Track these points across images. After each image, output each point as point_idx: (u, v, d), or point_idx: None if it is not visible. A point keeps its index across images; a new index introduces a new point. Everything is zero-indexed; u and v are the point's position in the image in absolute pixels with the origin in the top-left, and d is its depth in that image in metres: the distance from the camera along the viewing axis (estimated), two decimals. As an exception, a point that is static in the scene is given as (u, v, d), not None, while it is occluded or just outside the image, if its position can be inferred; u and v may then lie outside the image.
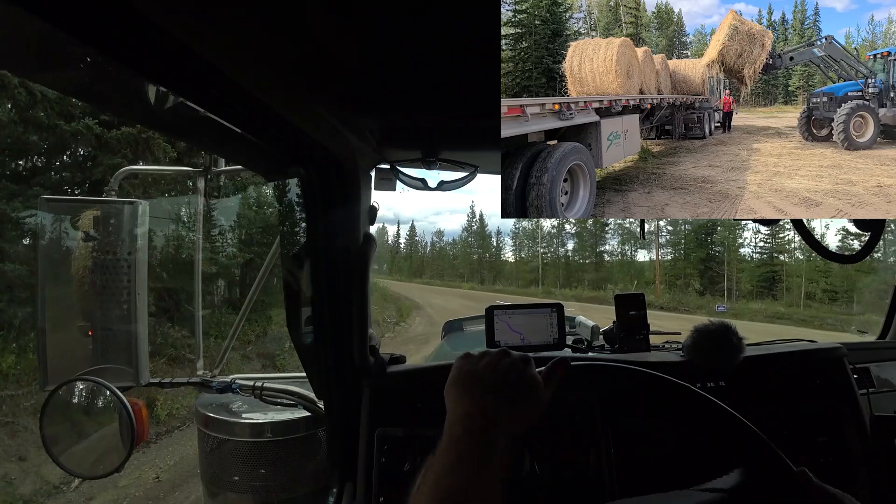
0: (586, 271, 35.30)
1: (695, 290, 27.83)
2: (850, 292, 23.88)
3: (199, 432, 1.36)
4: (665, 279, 29.85)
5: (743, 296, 27.28)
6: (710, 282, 28.74)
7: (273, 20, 0.54)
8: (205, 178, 1.46)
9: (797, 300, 25.34)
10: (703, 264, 29.25)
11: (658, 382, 0.82)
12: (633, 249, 34.64)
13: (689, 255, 29.69)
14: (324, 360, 1.10)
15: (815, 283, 25.71)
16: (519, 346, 1.20)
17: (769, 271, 27.80)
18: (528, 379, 0.67)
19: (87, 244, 1.23)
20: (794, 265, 27.37)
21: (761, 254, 28.74)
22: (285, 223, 1.11)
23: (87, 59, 0.48)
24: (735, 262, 28.82)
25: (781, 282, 27.41)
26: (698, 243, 29.23)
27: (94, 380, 1.20)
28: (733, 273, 28.44)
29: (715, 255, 29.46)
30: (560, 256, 37.64)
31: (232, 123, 0.67)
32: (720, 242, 29.29)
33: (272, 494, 1.31)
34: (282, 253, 1.12)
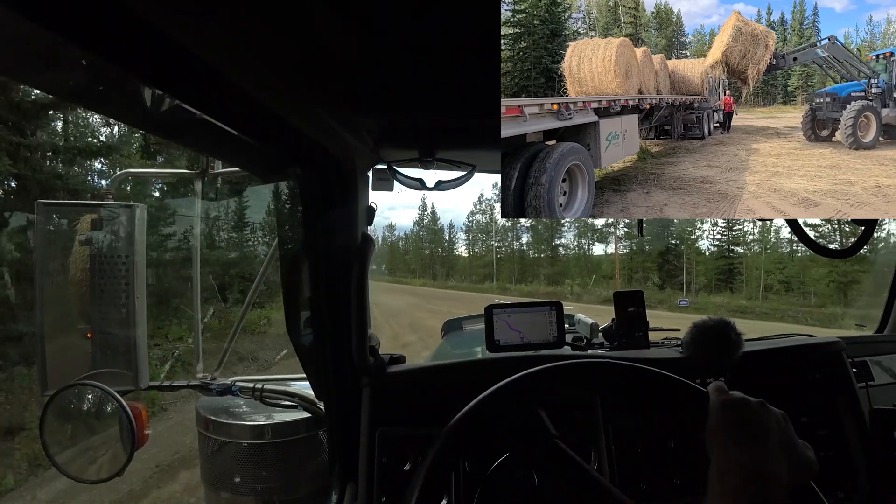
0: (542, 266, 34.61)
1: (654, 283, 27.42)
2: (807, 284, 24.13)
3: (199, 435, 1.35)
4: (623, 273, 29.43)
5: (702, 289, 27.03)
6: (668, 275, 28.44)
7: (270, 19, 0.54)
8: (202, 181, 1.46)
9: (756, 293, 25.27)
10: (661, 258, 28.90)
11: (664, 381, 0.82)
12: (589, 243, 34.02)
13: (647, 248, 29.30)
14: (323, 360, 1.10)
15: (772, 274, 25.73)
16: (518, 344, 1.21)
17: (726, 264, 27.60)
18: (801, 445, 0.62)
19: (85, 248, 1.23)
20: (752, 257, 27.22)
21: (718, 246, 28.46)
22: (283, 224, 1.11)
23: (82, 61, 0.48)
24: (693, 255, 28.55)
25: (740, 274, 27.29)
26: (656, 236, 28.82)
27: (93, 384, 1.20)
28: (692, 266, 28.21)
29: (672, 248, 29.07)
30: (515, 251, 36.49)
31: (229, 125, 0.67)
32: (677, 235, 28.89)
33: (273, 496, 1.31)
34: (280, 254, 1.12)
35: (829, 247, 1.08)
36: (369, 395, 1.11)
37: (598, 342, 1.42)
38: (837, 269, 22.18)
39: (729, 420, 0.61)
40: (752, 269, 26.65)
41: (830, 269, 22.65)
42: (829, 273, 22.89)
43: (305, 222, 1.01)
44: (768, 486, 0.55)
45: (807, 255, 24.99)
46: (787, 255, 26.64)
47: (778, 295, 24.67)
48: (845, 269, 21.93)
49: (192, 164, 2.38)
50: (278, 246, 1.16)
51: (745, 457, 0.58)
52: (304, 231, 1.02)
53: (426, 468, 0.71)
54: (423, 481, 0.70)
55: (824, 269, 23.15)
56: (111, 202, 1.28)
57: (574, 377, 0.84)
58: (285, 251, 1.11)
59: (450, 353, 2.49)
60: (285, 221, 1.10)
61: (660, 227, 28.59)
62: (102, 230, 1.24)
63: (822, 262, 23.29)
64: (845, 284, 22.19)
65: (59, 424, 1.22)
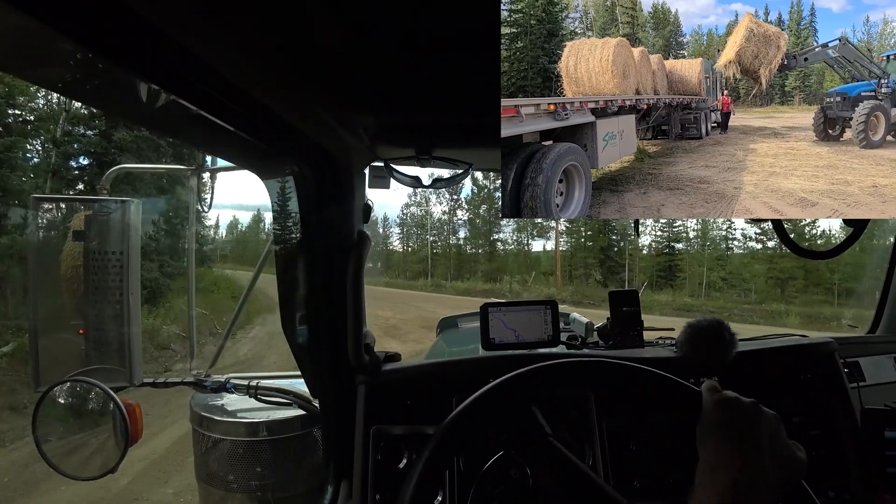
0: (479, 262, 32.19)
1: (596, 280, 26.37)
2: (748, 281, 23.82)
3: (193, 432, 1.35)
4: (564, 270, 28.18)
5: (645, 286, 26.69)
6: (609, 272, 27.46)
7: (266, 16, 0.54)
8: (197, 177, 1.45)
9: (699, 290, 24.76)
10: (602, 253, 27.83)
11: (657, 380, 0.82)
12: (529, 238, 31.86)
13: (588, 244, 28.12)
14: (318, 358, 1.10)
15: (714, 271, 25.33)
16: (514, 342, 1.21)
17: (668, 261, 26.84)
18: (791, 445, 0.63)
19: (79, 243, 1.22)
20: (694, 254, 26.67)
21: (659, 243, 27.64)
22: (279, 221, 1.11)
23: (78, 56, 0.47)
24: (635, 251, 27.81)
25: (681, 271, 26.58)
26: (597, 231, 27.62)
27: (86, 380, 1.19)
28: (635, 264, 27.50)
29: (614, 244, 28.11)
30: (451, 246, 33.42)
31: (224, 121, 0.67)
32: (618, 231, 27.77)
33: (268, 493, 1.31)
34: (276, 251, 1.11)
35: (814, 249, 1.09)
36: (364, 393, 1.11)
37: (593, 341, 1.43)
38: (777, 266, 22.19)
39: (721, 419, 0.62)
40: (695, 265, 26.13)
41: (769, 265, 22.66)
42: (769, 270, 22.84)
43: (301, 219, 1.01)
44: (758, 485, 0.56)
45: (747, 252, 25.06)
46: (725, 251, 26.28)
47: (720, 292, 24.31)
48: (783, 266, 21.95)
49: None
50: (274, 243, 1.16)
51: (735, 456, 0.58)
52: (300, 228, 1.02)
53: (421, 466, 0.71)
54: (417, 479, 0.70)
55: (763, 265, 23.15)
56: (105, 197, 1.28)
57: (569, 376, 0.84)
58: (281, 248, 1.11)
59: (445, 352, 2.49)
60: (281, 218, 1.09)
61: (601, 222, 27.20)
62: (97, 225, 1.23)
63: (760, 259, 23.41)
64: (783, 281, 22.18)
65: (52, 421, 1.21)
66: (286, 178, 0.99)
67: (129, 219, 1.25)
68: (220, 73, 0.57)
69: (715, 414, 0.62)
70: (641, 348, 1.32)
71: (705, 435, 0.62)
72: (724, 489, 0.56)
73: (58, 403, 1.21)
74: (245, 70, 0.60)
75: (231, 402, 1.37)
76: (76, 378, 1.21)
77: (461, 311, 2.84)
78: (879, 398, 1.23)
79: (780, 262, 22.18)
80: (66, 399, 1.22)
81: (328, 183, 0.99)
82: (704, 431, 0.62)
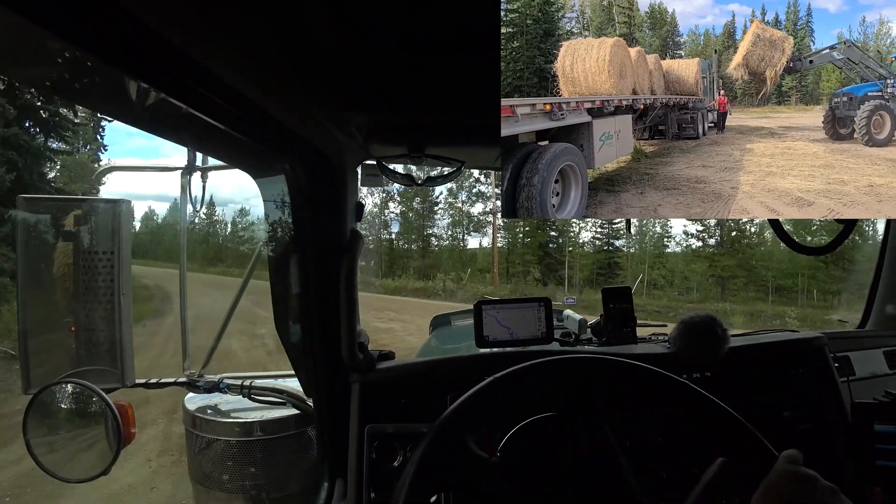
0: (412, 258, 29.90)
1: (535, 278, 25.03)
2: (689, 279, 23.50)
3: (186, 432, 1.35)
4: (502, 267, 26.59)
5: (585, 285, 24.74)
6: (548, 269, 26.07)
7: (258, 14, 0.53)
8: (188, 176, 1.45)
9: (640, 288, 23.25)
10: (541, 250, 26.29)
11: (651, 377, 0.83)
12: (465, 233, 29.84)
13: (527, 240, 26.65)
14: (312, 357, 1.09)
15: (655, 269, 24.71)
16: (507, 340, 1.22)
17: (607, 258, 25.92)
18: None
19: (69, 243, 1.21)
20: (635, 252, 25.96)
21: (598, 239, 26.50)
22: (271, 220, 1.10)
23: (66, 53, 0.47)
24: (575, 247, 26.58)
25: (621, 269, 25.55)
26: (536, 227, 25.99)
27: (78, 382, 1.18)
28: (575, 261, 26.14)
29: (553, 240, 26.69)
30: (382, 241, 30.83)
31: (216, 119, 0.66)
32: (557, 227, 26.47)
33: (262, 493, 1.31)
34: (268, 250, 1.11)
35: (809, 246, 1.11)
36: (358, 392, 1.11)
37: (587, 338, 1.44)
38: (719, 264, 21.97)
39: (794, 493, 0.62)
40: (636, 263, 25.39)
41: (711, 263, 22.41)
42: (710, 267, 22.52)
43: (294, 218, 1.01)
44: None
45: (690, 250, 24.47)
46: (664, 248, 25.71)
47: (662, 290, 23.67)
48: (725, 264, 21.75)
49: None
50: (266, 242, 1.16)
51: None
52: (293, 227, 1.02)
53: (415, 464, 0.71)
54: (412, 477, 0.70)
55: (703, 263, 22.83)
56: (95, 197, 1.27)
57: (562, 373, 0.84)
58: (273, 247, 1.10)
59: (438, 349, 2.49)
60: (273, 217, 1.09)
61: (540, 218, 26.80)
62: (87, 225, 1.22)
63: (702, 257, 23.12)
64: (724, 279, 21.99)
65: (43, 423, 1.20)
66: (278, 176, 0.99)
67: (119, 218, 1.24)
68: (212, 70, 0.56)
69: (789, 486, 0.62)
70: (634, 344, 1.33)
71: (767, 497, 0.62)
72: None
73: (49, 406, 1.20)
74: (237, 67, 0.59)
75: (224, 402, 1.37)
76: (67, 380, 1.20)
77: (386, 313, 2.85)
78: (869, 392, 1.23)
79: (722, 259, 21.92)
80: (58, 401, 1.21)
81: (320, 181, 0.99)
82: (767, 494, 0.62)
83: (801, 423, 1.18)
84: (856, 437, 1.09)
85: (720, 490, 0.73)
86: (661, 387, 0.83)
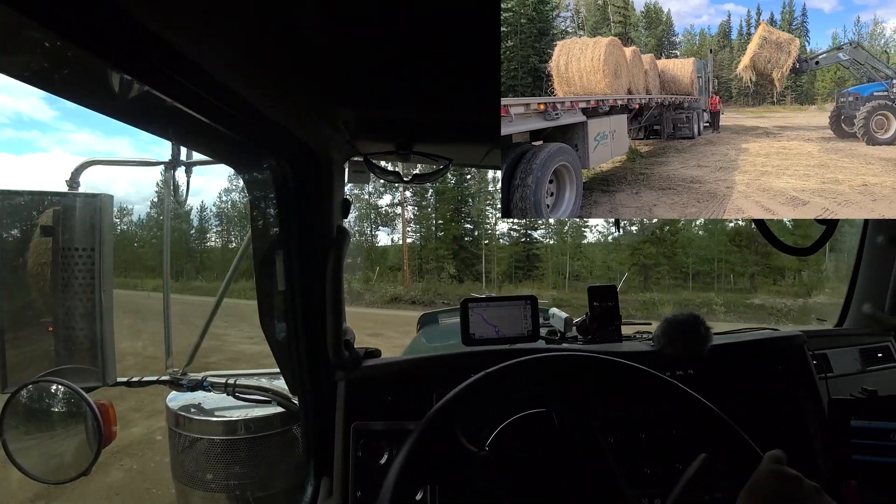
0: None
1: (449, 275, 23.08)
2: (612, 269, 22.44)
3: (169, 431, 1.33)
4: (413, 264, 24.49)
5: (504, 280, 23.28)
6: (464, 265, 23.94)
7: (244, 7, 0.52)
8: (173, 171, 1.43)
9: (562, 282, 22.67)
10: (456, 244, 24.11)
11: (638, 375, 0.83)
12: (372, 228, 26.46)
13: (440, 233, 24.34)
14: (298, 354, 1.09)
15: (578, 260, 23.60)
16: (493, 338, 1.22)
17: (525, 250, 24.09)
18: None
19: (47, 239, 1.19)
20: (555, 243, 24.21)
21: (515, 230, 24.41)
22: (257, 216, 1.09)
23: (47, 44, 0.45)
24: (491, 240, 24.33)
25: (542, 262, 23.89)
26: (449, 220, 23.94)
27: (57, 381, 1.16)
28: (492, 254, 24.03)
29: (468, 232, 24.56)
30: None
31: (201, 114, 0.65)
32: (472, 217, 24.32)
33: (247, 492, 1.29)
34: (254, 246, 1.10)
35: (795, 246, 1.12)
36: (344, 390, 1.10)
37: (572, 336, 1.44)
38: (641, 252, 21.35)
39: (777, 492, 0.62)
40: (557, 254, 23.72)
41: (634, 251, 21.71)
42: (632, 255, 21.70)
43: (279, 214, 1.00)
44: None
45: (611, 239, 23.40)
46: (583, 238, 24.09)
47: (585, 282, 22.00)
48: (648, 252, 21.20)
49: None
50: (252, 238, 1.14)
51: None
52: (279, 223, 1.01)
53: (401, 461, 0.70)
54: (398, 475, 0.69)
55: (625, 252, 22.14)
56: (75, 192, 1.25)
57: (552, 369, 0.84)
58: (259, 244, 1.09)
59: (425, 347, 2.50)
60: (259, 213, 1.08)
61: (453, 206, 24.05)
62: (66, 221, 1.20)
63: (623, 246, 22.44)
64: (647, 268, 21.34)
65: (21, 423, 1.18)
66: (264, 172, 0.98)
67: (100, 214, 1.22)
68: (197, 64, 0.55)
69: (773, 485, 0.63)
70: (620, 343, 1.34)
71: (752, 497, 0.62)
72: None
73: (27, 405, 1.18)
74: (223, 61, 0.58)
75: (208, 401, 1.35)
76: (46, 378, 1.18)
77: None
78: (846, 388, 1.28)
79: (644, 247, 21.22)
80: (36, 401, 1.19)
81: (307, 177, 0.99)
82: (752, 493, 0.63)
83: (780, 418, 1.20)
84: (833, 433, 1.11)
85: (703, 486, 0.74)
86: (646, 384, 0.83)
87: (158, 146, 25.59)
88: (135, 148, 33.55)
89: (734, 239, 21.80)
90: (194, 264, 27.12)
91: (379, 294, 18.27)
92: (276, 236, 1.03)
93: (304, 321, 1.06)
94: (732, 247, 21.11)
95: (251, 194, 1.06)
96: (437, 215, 24.20)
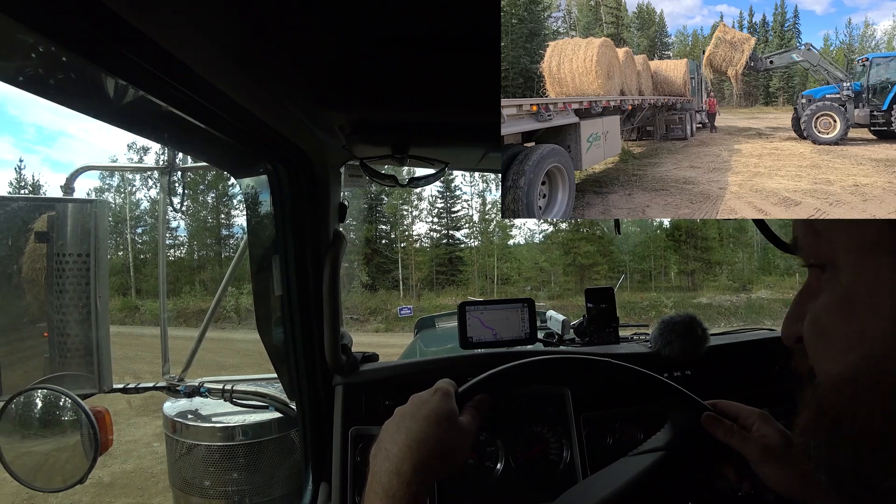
0: (204, 269, 23.97)
1: (362, 284, 21.03)
2: (546, 271, 21.95)
3: (166, 437, 1.32)
4: None
5: (424, 286, 21.70)
6: (379, 271, 22.04)
7: (238, 11, 0.52)
8: (168, 176, 1.42)
9: (489, 285, 21.55)
10: (369, 247, 22.29)
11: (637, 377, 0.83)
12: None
13: (351, 236, 21.02)
14: (295, 360, 1.08)
15: (507, 262, 22.52)
16: (491, 341, 1.22)
17: (447, 253, 22.67)
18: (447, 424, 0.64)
19: (42, 245, 1.18)
20: (480, 246, 22.78)
21: (436, 231, 22.86)
22: (253, 221, 1.09)
23: (41, 49, 0.45)
24: (409, 242, 22.55)
25: (466, 265, 22.38)
26: (361, 220, 21.97)
27: (52, 388, 1.15)
28: (410, 258, 22.19)
29: (383, 234, 22.81)
30: (192, 251, 24.35)
31: (197, 119, 0.65)
32: (386, 217, 22.36)
33: (245, 498, 1.29)
34: (250, 251, 1.09)
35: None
36: (342, 394, 1.10)
37: (570, 338, 1.45)
38: (576, 250, 20.78)
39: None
40: (483, 256, 22.33)
41: (567, 249, 21.03)
42: (567, 254, 20.96)
43: (275, 219, 1.00)
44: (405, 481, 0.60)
45: (543, 237, 22.39)
46: (510, 237, 22.99)
47: (516, 286, 21.66)
48: (585, 250, 20.59)
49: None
50: (248, 243, 1.14)
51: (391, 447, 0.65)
52: (275, 228, 1.01)
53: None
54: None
55: (559, 250, 21.38)
56: (70, 197, 1.24)
57: (551, 372, 0.84)
58: (255, 249, 1.09)
59: (422, 351, 2.51)
60: (255, 218, 1.08)
61: (366, 206, 22.17)
62: (61, 227, 1.19)
63: (557, 242, 21.51)
64: (585, 267, 20.76)
65: (16, 431, 1.17)
66: (260, 176, 0.97)
67: (95, 220, 1.21)
68: (192, 69, 0.55)
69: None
70: (617, 344, 1.35)
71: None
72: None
73: (22, 413, 1.17)
74: (217, 65, 0.58)
75: (205, 407, 1.35)
76: (41, 386, 1.17)
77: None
78: None
79: (581, 244, 20.48)
80: (31, 408, 1.18)
81: (302, 182, 0.98)
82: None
83: (778, 417, 1.20)
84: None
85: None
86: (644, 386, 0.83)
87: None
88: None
89: (672, 234, 21.44)
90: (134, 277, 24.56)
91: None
92: (273, 241, 1.03)
93: (301, 325, 1.06)
94: (670, 242, 20.79)
95: (247, 199, 1.05)
96: (350, 216, 21.72)
